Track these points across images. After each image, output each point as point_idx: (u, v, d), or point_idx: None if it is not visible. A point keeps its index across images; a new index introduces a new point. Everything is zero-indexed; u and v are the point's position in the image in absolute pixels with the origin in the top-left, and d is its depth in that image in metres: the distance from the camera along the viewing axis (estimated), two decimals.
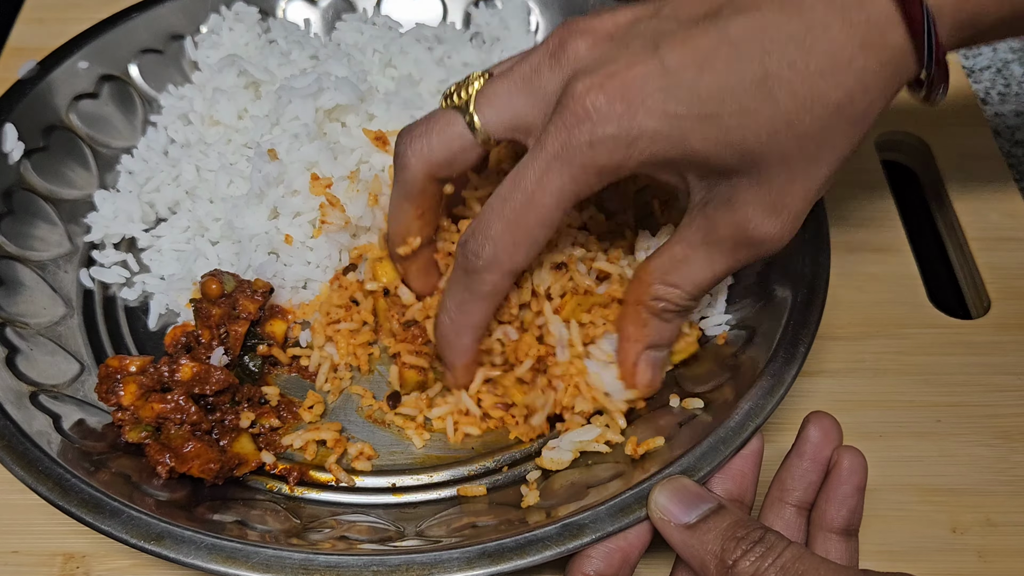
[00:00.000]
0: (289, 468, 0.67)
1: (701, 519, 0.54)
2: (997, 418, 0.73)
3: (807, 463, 0.59)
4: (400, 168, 0.64)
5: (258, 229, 0.76)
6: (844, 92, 0.54)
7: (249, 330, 0.70)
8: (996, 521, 0.67)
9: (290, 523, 0.62)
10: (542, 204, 0.57)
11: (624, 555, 0.57)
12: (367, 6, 0.97)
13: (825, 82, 0.53)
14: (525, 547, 0.55)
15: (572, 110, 0.54)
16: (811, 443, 0.59)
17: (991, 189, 0.87)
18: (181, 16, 0.91)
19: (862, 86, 0.54)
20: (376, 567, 0.55)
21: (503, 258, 0.59)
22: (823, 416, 0.60)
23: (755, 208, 0.58)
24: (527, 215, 0.57)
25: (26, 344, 0.69)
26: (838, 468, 0.58)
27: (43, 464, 0.59)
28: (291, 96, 0.79)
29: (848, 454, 0.58)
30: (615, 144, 0.54)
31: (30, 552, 0.66)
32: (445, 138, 0.61)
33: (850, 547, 0.58)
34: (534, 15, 0.95)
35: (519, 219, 0.57)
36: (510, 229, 0.58)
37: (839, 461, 0.58)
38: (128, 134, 0.87)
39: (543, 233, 0.58)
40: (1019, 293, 0.80)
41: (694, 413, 0.65)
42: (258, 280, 0.72)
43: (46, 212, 0.79)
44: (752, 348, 0.67)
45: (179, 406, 0.64)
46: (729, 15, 0.54)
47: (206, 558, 0.55)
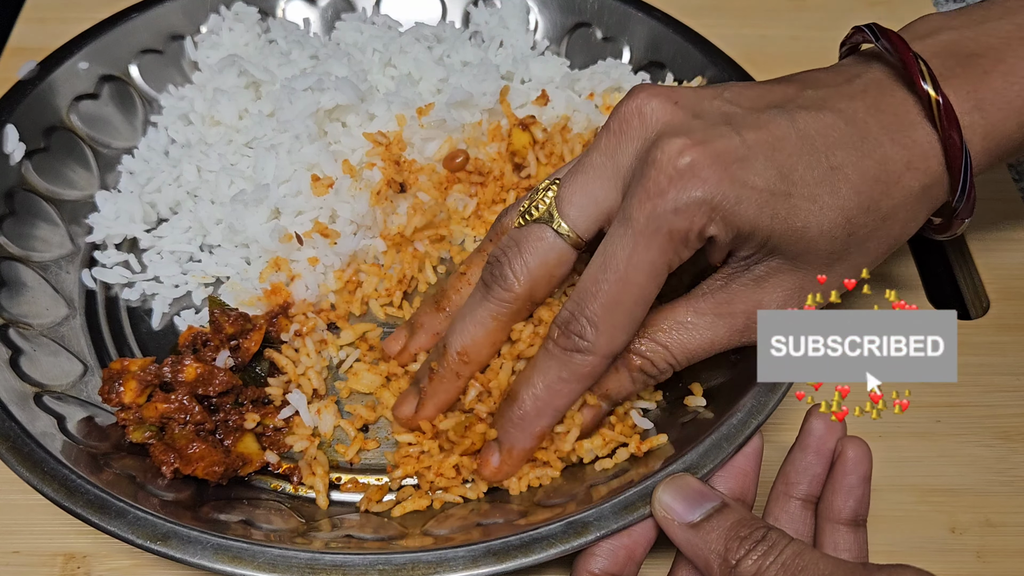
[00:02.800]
0: (293, 467, 0.67)
1: (705, 518, 0.55)
2: (996, 418, 0.73)
3: (811, 456, 0.59)
4: (503, 288, 0.62)
5: (259, 229, 0.76)
6: (892, 205, 0.58)
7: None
8: (995, 521, 0.68)
9: (295, 522, 0.62)
10: (636, 283, 0.57)
11: (629, 552, 0.57)
12: (366, 5, 0.97)
13: (880, 190, 0.57)
14: (530, 545, 0.56)
15: (658, 172, 0.54)
16: (815, 435, 0.59)
17: (991, 190, 0.88)
18: (181, 16, 0.91)
19: (906, 205, 0.59)
20: (382, 566, 0.55)
21: (603, 342, 0.58)
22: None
23: (782, 292, 0.60)
24: (624, 296, 0.57)
25: (29, 345, 0.69)
26: (843, 458, 0.58)
27: (48, 465, 0.59)
28: (292, 96, 0.79)
29: (852, 444, 0.58)
30: (699, 209, 0.54)
31: (31, 552, 0.66)
32: (540, 253, 0.61)
33: (858, 538, 0.58)
34: (533, 14, 0.95)
35: (617, 302, 0.57)
36: (609, 313, 0.57)
37: (844, 451, 0.58)
38: (129, 134, 0.87)
39: (642, 311, 0.58)
40: (1018, 293, 0.81)
41: (696, 411, 0.66)
42: (255, 316, 0.72)
43: (47, 213, 0.79)
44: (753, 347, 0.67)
45: (183, 406, 0.64)
46: (794, 109, 0.57)
47: (212, 558, 0.55)
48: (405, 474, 0.66)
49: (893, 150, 0.57)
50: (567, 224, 0.60)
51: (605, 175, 0.59)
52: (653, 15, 0.91)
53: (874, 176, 0.57)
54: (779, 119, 0.56)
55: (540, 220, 0.61)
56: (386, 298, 0.78)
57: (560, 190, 0.61)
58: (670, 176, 0.54)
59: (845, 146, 0.56)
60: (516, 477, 0.65)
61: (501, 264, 0.62)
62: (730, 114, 0.57)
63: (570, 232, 0.60)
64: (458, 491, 0.65)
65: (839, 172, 0.56)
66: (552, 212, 0.60)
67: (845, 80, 0.60)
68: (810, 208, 0.56)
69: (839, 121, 0.57)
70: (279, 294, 0.74)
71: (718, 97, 0.58)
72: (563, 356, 0.60)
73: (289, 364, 0.71)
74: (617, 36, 0.93)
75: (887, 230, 0.59)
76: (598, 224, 0.60)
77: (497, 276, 0.62)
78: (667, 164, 0.54)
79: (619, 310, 0.57)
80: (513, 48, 0.92)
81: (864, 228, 0.58)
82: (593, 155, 0.60)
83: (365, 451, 0.69)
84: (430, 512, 0.64)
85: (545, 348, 0.61)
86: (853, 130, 0.57)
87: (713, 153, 0.54)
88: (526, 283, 0.61)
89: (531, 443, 0.63)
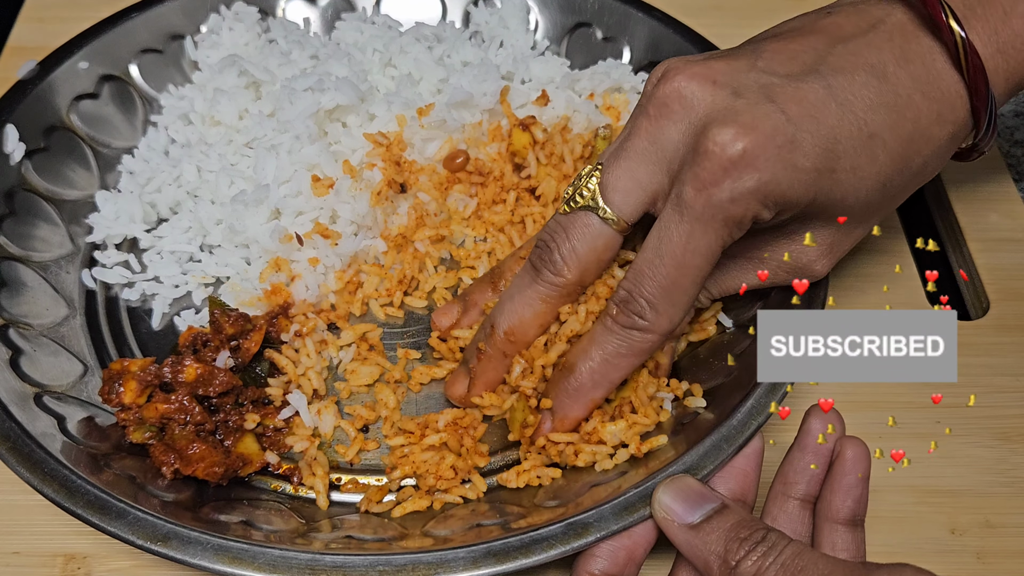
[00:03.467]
0: (293, 468, 0.67)
1: (705, 519, 0.55)
2: (996, 419, 0.73)
3: (810, 456, 0.59)
4: (552, 273, 0.63)
5: (260, 230, 0.76)
6: (923, 160, 0.60)
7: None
8: (995, 522, 0.68)
9: (295, 523, 0.62)
10: (694, 266, 0.58)
11: (629, 553, 0.57)
12: (366, 5, 0.97)
13: (912, 148, 0.58)
14: (530, 546, 0.56)
15: (712, 162, 0.55)
16: (813, 435, 0.59)
17: (990, 190, 0.88)
18: (181, 16, 0.91)
19: (935, 156, 0.60)
20: (382, 567, 0.55)
21: (662, 321, 0.60)
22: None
23: (816, 246, 0.63)
24: (682, 279, 0.58)
25: (29, 345, 0.69)
26: (842, 458, 0.58)
27: (48, 465, 0.59)
28: (292, 96, 0.79)
29: (851, 444, 0.58)
30: (753, 197, 0.55)
31: (31, 553, 0.66)
32: (587, 240, 0.62)
33: (856, 537, 0.58)
34: (533, 14, 0.95)
35: (674, 284, 0.59)
36: (667, 294, 0.59)
37: (842, 451, 0.58)
38: (129, 134, 0.87)
39: (697, 289, 0.60)
40: (1018, 294, 0.81)
41: (696, 411, 0.66)
42: (256, 317, 0.72)
43: (48, 213, 0.79)
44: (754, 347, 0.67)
45: (183, 406, 0.64)
46: (828, 73, 0.57)
47: (213, 559, 0.55)
48: (404, 475, 0.66)
49: (924, 104, 0.58)
50: (612, 210, 0.61)
51: (649, 160, 0.59)
52: (653, 15, 0.91)
53: (908, 136, 0.58)
54: (816, 86, 0.56)
55: (586, 207, 0.61)
56: (386, 298, 0.78)
57: (604, 176, 0.61)
58: (724, 166, 0.55)
59: (880, 107, 0.57)
60: (515, 473, 0.65)
61: (550, 249, 0.63)
62: (769, 86, 0.57)
63: (616, 218, 0.61)
64: (458, 492, 0.65)
65: (877, 139, 0.57)
66: (597, 199, 0.61)
67: (870, 26, 0.60)
68: (850, 180, 0.57)
69: (871, 79, 0.57)
70: (279, 294, 0.74)
71: (753, 68, 0.58)
72: (622, 332, 0.61)
73: (289, 364, 0.71)
74: (617, 36, 0.93)
75: (916, 181, 0.62)
76: (643, 208, 0.61)
77: (547, 261, 0.63)
78: (720, 153, 0.55)
79: (676, 291, 0.59)
80: (513, 48, 0.92)
81: (897, 186, 0.60)
82: (635, 139, 0.60)
83: (365, 452, 0.69)
84: (430, 513, 0.64)
85: (603, 323, 0.62)
86: (886, 88, 0.57)
87: (763, 138, 0.55)
88: (575, 269, 0.63)
89: (583, 412, 0.64)
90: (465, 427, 0.68)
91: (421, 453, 0.66)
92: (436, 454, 0.66)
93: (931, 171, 0.62)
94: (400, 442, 0.68)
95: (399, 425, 0.69)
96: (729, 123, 0.55)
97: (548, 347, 0.66)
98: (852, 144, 0.57)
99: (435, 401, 0.72)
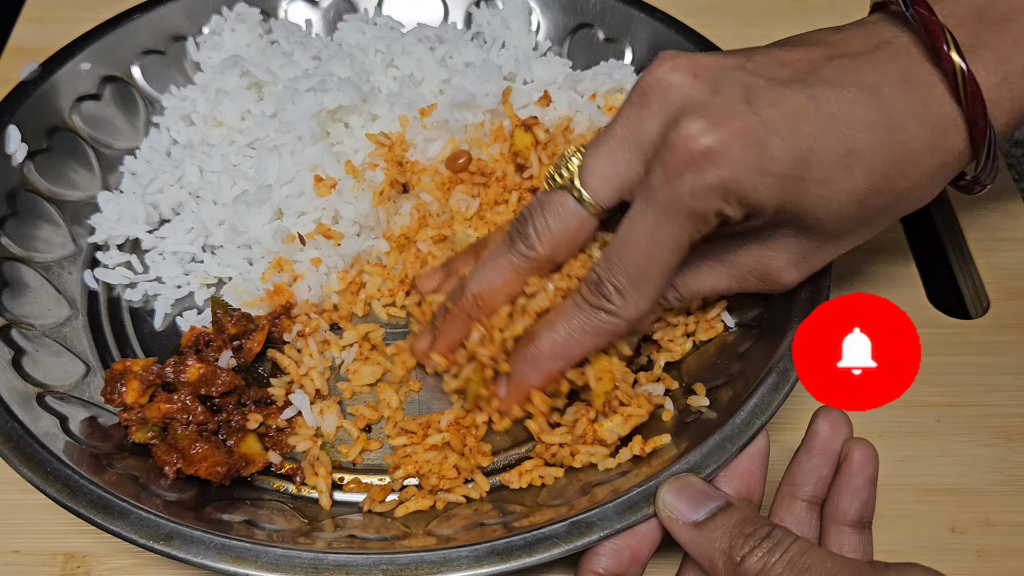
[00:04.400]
0: (295, 468, 0.67)
1: (709, 517, 0.55)
2: (996, 418, 0.73)
3: (817, 458, 0.59)
4: (525, 246, 0.64)
5: (262, 230, 0.76)
6: (908, 184, 0.58)
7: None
8: (995, 521, 0.68)
9: (298, 522, 0.62)
10: (659, 257, 0.58)
11: (634, 553, 0.57)
12: (368, 6, 0.97)
13: (896, 172, 0.57)
14: (534, 545, 0.56)
15: (675, 155, 0.55)
16: (821, 437, 0.59)
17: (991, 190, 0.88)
18: (183, 17, 0.91)
19: (923, 183, 0.59)
20: (386, 566, 0.55)
21: (628, 308, 0.60)
22: (832, 410, 0.60)
23: (786, 256, 0.63)
24: (648, 269, 0.59)
25: (32, 345, 0.69)
26: (849, 460, 0.58)
27: (51, 465, 0.59)
28: (294, 97, 0.79)
29: (859, 446, 0.58)
30: (714, 194, 0.55)
31: (31, 552, 0.66)
32: (561, 218, 0.62)
33: (864, 539, 0.58)
34: (535, 15, 0.96)
35: (642, 273, 0.59)
36: (634, 283, 0.59)
37: (850, 453, 0.58)
38: (131, 135, 0.87)
39: (665, 280, 0.60)
40: (1018, 293, 0.81)
41: (700, 411, 0.66)
42: (259, 317, 0.72)
43: (50, 213, 0.79)
44: (757, 346, 0.67)
45: (185, 406, 0.64)
46: (816, 84, 0.56)
47: (216, 558, 0.55)
48: (407, 474, 0.66)
49: (916, 129, 0.57)
50: (588, 193, 0.61)
51: (627, 147, 0.60)
52: (655, 16, 0.91)
53: (893, 158, 0.57)
54: (800, 95, 0.55)
55: (564, 187, 0.62)
56: (389, 299, 0.78)
57: (585, 158, 0.61)
58: (686, 160, 0.55)
59: (867, 126, 0.56)
60: (518, 474, 0.65)
61: (525, 223, 0.64)
62: (751, 87, 0.56)
63: (592, 201, 0.61)
64: (461, 491, 0.65)
65: (856, 155, 0.56)
66: (575, 180, 0.61)
67: (875, 46, 0.59)
68: (820, 191, 0.56)
69: (862, 96, 0.56)
70: (282, 295, 0.75)
71: (741, 68, 0.58)
72: (589, 311, 0.61)
73: (292, 365, 0.71)
74: (619, 37, 0.93)
75: (899, 206, 0.61)
76: (619, 194, 0.61)
77: (521, 234, 0.64)
78: (684, 147, 0.55)
79: (643, 280, 0.59)
80: (515, 49, 0.93)
81: (875, 208, 0.59)
82: (616, 127, 0.60)
83: (368, 451, 0.69)
84: (433, 512, 0.64)
85: (573, 300, 0.63)
86: (877, 107, 0.56)
87: (730, 136, 0.54)
88: (547, 245, 0.63)
89: (538, 381, 0.64)
90: (468, 427, 0.68)
91: (424, 453, 0.67)
92: (439, 454, 0.66)
93: (918, 198, 0.61)
94: (403, 442, 0.68)
95: (402, 425, 0.69)
96: (700, 118, 0.55)
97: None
98: (828, 156, 0.55)
99: (438, 401, 0.72)
